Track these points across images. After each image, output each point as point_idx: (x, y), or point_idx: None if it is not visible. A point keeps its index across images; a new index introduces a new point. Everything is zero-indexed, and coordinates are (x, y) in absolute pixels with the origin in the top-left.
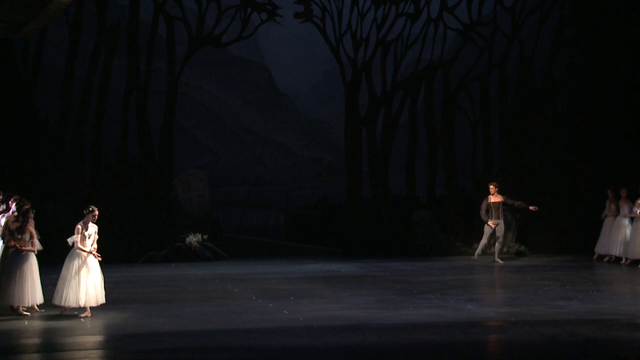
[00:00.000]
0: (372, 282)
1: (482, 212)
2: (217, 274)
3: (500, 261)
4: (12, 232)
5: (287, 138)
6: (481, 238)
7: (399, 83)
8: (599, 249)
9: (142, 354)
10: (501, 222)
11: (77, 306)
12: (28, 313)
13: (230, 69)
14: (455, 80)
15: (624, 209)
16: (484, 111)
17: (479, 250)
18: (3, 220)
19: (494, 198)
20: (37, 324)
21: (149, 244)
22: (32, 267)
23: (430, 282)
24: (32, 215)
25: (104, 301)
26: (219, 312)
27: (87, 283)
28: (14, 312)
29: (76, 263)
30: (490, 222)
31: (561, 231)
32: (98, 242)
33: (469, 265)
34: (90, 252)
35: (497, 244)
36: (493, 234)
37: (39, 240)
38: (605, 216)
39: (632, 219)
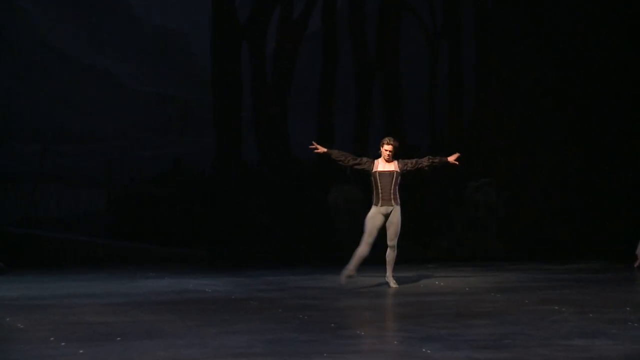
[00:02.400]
0: (258, 309)
1: (345, 153)
2: None
3: (393, 284)
4: None
5: (114, 62)
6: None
7: None
8: None
9: None
10: (396, 208)
11: None
12: None
13: None
14: None
15: None
16: (449, 21)
17: (351, 266)
18: None
19: (384, 165)
20: None
21: None
22: None
23: (356, 308)
24: None
25: None
26: None
27: None
28: None
29: None
30: (377, 209)
31: (566, 226)
32: None
33: (424, 279)
34: None
35: (388, 252)
36: (382, 229)
37: None
38: None
39: None
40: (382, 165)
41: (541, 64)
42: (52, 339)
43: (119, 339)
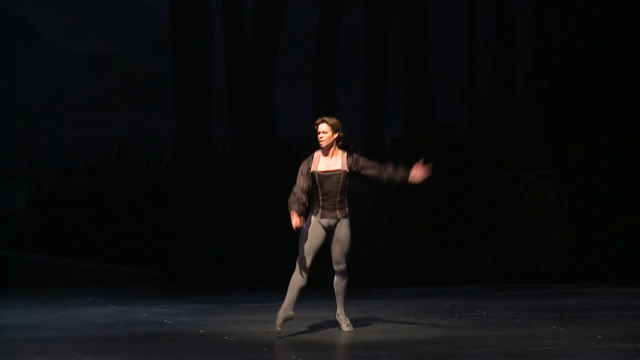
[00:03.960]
0: (235, 348)
1: (293, 198)
2: None
3: (346, 326)
4: None
5: (35, 11)
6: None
7: None
8: None
9: None
10: (343, 222)
11: None
12: None
13: None
14: None
15: None
16: None
17: (285, 304)
18: None
19: (326, 161)
20: None
21: None
22: None
23: (370, 347)
24: None
25: None
26: None
27: None
28: None
29: None
30: (316, 221)
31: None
32: None
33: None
34: None
35: (336, 280)
36: (320, 252)
37: None
38: None
39: None
40: (323, 161)
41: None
42: None
43: None
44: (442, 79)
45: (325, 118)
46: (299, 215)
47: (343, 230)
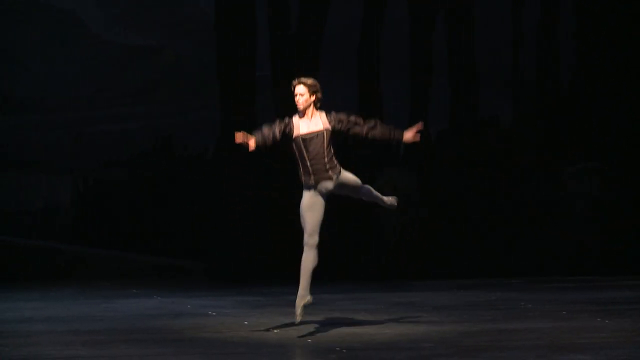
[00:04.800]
0: (280, 339)
1: (257, 132)
2: None
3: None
4: None
5: (81, 3)
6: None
7: None
8: None
9: None
10: (341, 176)
11: None
12: None
13: None
14: None
15: None
16: None
17: (301, 290)
18: None
19: (307, 123)
20: None
21: None
22: None
23: (407, 335)
24: None
25: None
26: None
27: None
28: None
29: None
30: (311, 192)
31: None
32: None
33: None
34: None
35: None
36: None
37: None
38: None
39: None
40: (303, 124)
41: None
42: None
43: None
44: (486, 71)
45: (302, 79)
46: (249, 139)
47: (345, 177)
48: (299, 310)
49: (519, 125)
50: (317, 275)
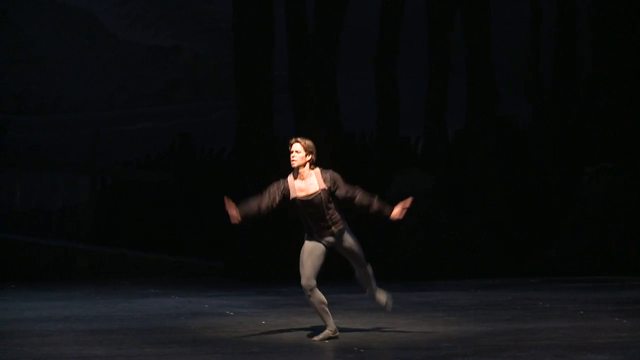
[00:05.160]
0: (296, 340)
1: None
2: None
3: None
4: None
5: (99, 3)
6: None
7: None
8: None
9: None
10: (344, 234)
11: None
12: None
13: None
14: None
15: None
16: None
17: (329, 327)
18: None
19: (304, 184)
20: None
21: None
22: None
23: (429, 335)
24: None
25: None
26: None
27: None
28: None
29: None
30: (314, 242)
31: None
32: None
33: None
34: None
35: (360, 273)
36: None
37: None
38: None
39: None
40: (299, 185)
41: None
42: None
43: None
44: (504, 71)
45: (299, 138)
46: (235, 209)
47: (348, 240)
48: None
49: (536, 125)
50: (336, 275)
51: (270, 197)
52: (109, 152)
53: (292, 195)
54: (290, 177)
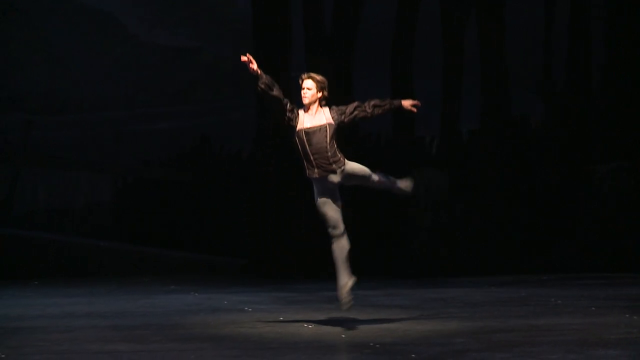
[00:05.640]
0: (315, 335)
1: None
2: None
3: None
4: None
5: (122, 5)
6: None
7: None
8: None
9: None
10: (347, 167)
11: None
12: None
13: None
14: None
15: None
16: None
17: (342, 280)
18: None
19: (311, 118)
20: None
21: None
22: None
23: (441, 331)
24: None
25: None
26: None
27: None
28: None
29: None
30: (319, 188)
31: None
32: None
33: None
34: None
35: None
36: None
37: None
38: None
39: None
40: (307, 118)
41: None
42: None
43: None
44: (517, 71)
45: (312, 74)
46: (259, 71)
47: (352, 169)
48: (345, 296)
49: (549, 124)
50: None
51: (291, 105)
52: (130, 151)
53: (299, 127)
54: (301, 111)
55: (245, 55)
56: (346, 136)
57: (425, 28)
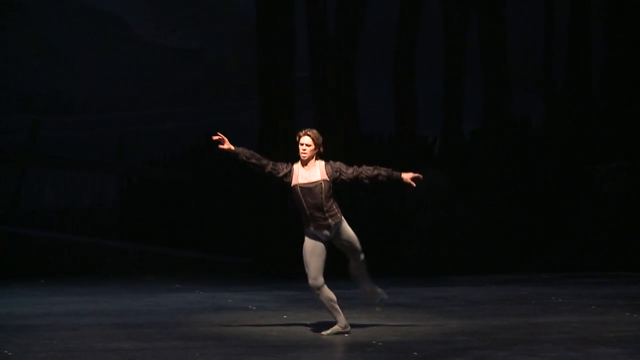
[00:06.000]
0: (318, 333)
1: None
2: None
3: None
4: None
5: (124, 6)
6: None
7: None
8: None
9: None
10: (340, 225)
11: None
12: None
13: None
14: None
15: None
16: None
17: (340, 323)
18: None
19: (306, 173)
20: None
21: None
22: None
23: (445, 333)
24: None
25: None
26: None
27: None
28: None
29: None
30: (312, 239)
31: None
32: None
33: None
34: None
35: (354, 266)
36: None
37: None
38: None
39: None
40: (303, 173)
41: None
42: None
43: None
44: (518, 71)
45: (309, 131)
46: (232, 148)
47: (345, 231)
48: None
49: (549, 124)
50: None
51: (276, 167)
52: (135, 151)
53: (294, 182)
54: (297, 165)
55: (217, 135)
56: (350, 136)
57: (426, 28)
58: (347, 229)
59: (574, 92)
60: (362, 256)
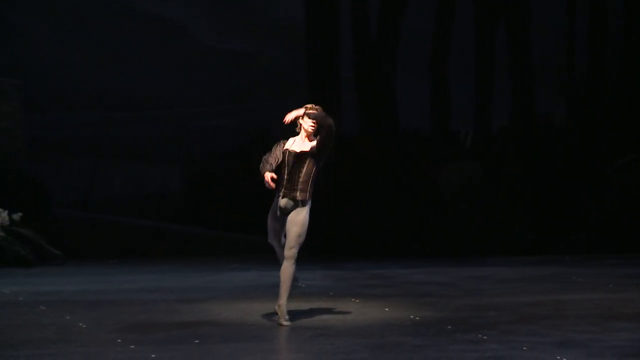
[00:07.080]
0: (361, 308)
1: (263, 164)
2: (41, 292)
3: (284, 320)
4: None
5: (183, 11)
6: None
7: None
8: None
9: None
10: (301, 209)
11: None
12: None
13: None
14: None
15: None
16: None
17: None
18: None
19: (300, 144)
20: None
21: None
22: None
23: (476, 308)
24: None
25: None
26: None
27: None
28: None
29: None
30: (275, 202)
31: None
32: None
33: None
34: None
35: (284, 266)
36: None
37: None
38: None
39: None
40: (299, 142)
41: None
42: (119, 340)
43: (197, 341)
44: (543, 72)
45: (316, 108)
46: (270, 171)
47: (302, 215)
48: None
49: (572, 122)
50: (395, 252)
51: (277, 152)
52: (197, 145)
53: (286, 147)
54: (293, 138)
55: (268, 176)
56: (391, 129)
57: (460, 33)
58: (305, 216)
59: (595, 91)
60: (292, 252)
